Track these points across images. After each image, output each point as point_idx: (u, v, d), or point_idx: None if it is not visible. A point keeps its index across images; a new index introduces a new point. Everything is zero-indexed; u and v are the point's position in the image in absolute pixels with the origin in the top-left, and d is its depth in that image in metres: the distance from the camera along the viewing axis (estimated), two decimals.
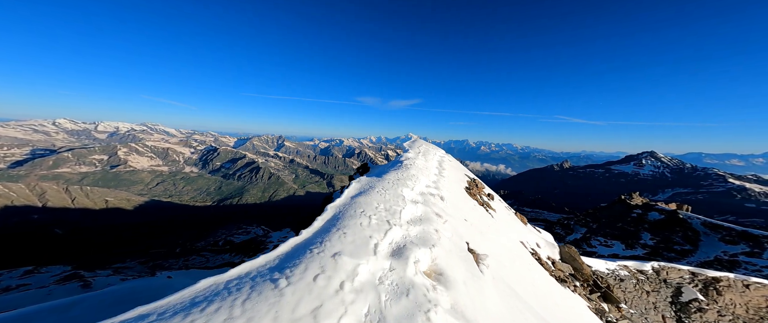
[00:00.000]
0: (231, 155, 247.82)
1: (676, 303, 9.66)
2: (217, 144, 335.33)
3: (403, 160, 10.93)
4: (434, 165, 11.77)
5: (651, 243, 28.02)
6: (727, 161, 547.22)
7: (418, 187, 7.45)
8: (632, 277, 11.42)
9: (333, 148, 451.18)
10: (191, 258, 30.02)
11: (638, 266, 12.76)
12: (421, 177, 8.46)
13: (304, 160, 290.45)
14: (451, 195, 8.16)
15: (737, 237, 25.84)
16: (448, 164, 13.73)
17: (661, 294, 10.11)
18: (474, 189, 11.82)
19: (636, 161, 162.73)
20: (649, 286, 10.57)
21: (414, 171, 8.90)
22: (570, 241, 29.67)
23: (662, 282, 11.25)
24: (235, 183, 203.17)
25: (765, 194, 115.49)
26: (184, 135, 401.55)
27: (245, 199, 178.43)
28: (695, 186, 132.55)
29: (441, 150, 18.08)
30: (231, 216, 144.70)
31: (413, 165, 9.89)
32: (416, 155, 12.75)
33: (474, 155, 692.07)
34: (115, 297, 6.81)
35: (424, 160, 11.90)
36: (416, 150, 14.39)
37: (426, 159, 12.49)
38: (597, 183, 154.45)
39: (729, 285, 10.66)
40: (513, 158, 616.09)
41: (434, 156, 14.38)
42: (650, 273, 11.99)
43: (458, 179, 12.06)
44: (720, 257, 23.29)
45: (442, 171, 11.01)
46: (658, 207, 34.09)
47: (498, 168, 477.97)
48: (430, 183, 8.30)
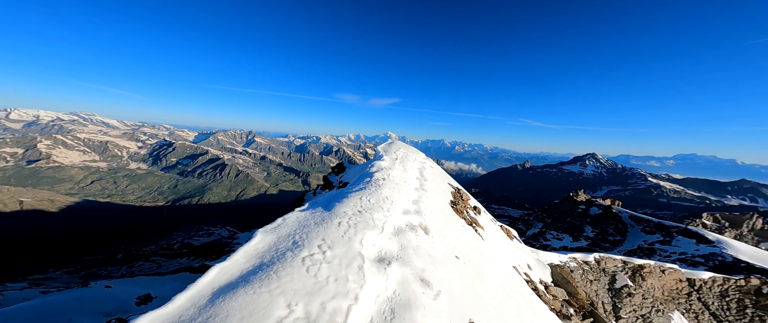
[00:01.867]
0: (190, 150, 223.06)
1: (612, 289, 11.37)
2: (173, 138, 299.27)
3: (375, 172, 8.61)
4: (414, 176, 9.70)
5: (591, 235, 32.49)
6: (647, 162, 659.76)
7: (393, 217, 5.33)
8: (579, 268, 13.11)
9: (309, 145, 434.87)
10: (137, 264, 26.35)
11: (584, 257, 14.68)
12: (398, 199, 6.45)
13: (277, 157, 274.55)
14: (437, 222, 6.45)
15: (654, 227, 31.31)
16: (429, 172, 11.38)
17: (601, 282, 11.79)
18: (459, 203, 10.17)
19: (581, 162, 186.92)
20: (592, 276, 12.26)
21: (387, 192, 6.67)
22: (529, 235, 32.94)
23: (602, 271, 13.14)
24: (195, 181, 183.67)
25: (674, 190, 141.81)
26: (129, 127, 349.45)
27: (207, 199, 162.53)
28: (624, 184, 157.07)
29: (421, 153, 15.83)
30: (190, 217, 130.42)
31: (387, 180, 7.87)
32: (392, 163, 10.29)
33: (449, 154, 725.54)
34: (29, 315, 5.55)
35: (401, 170, 9.74)
36: (392, 155, 11.82)
37: (404, 168, 10.23)
38: (552, 181, 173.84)
39: (650, 271, 12.88)
40: (483, 158, 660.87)
41: (414, 163, 11.95)
42: (593, 264, 13.90)
43: (442, 191, 10.11)
44: (642, 245, 27.99)
45: (424, 184, 9.03)
46: (597, 203, 39.61)
47: (470, 168, 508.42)
48: (409, 207, 6.33)
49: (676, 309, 11.17)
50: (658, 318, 10.13)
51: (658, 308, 10.63)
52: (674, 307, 11.26)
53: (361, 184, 7.47)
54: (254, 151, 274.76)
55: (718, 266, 21.80)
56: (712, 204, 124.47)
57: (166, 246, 39.14)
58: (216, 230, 49.55)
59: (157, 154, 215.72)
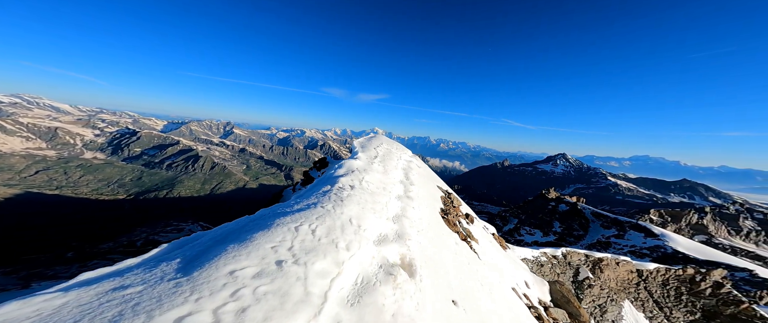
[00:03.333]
0: (158, 140, 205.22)
1: (576, 281, 12.51)
2: (138, 126, 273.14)
3: (342, 176, 6.54)
4: (398, 179, 7.96)
5: (559, 230, 35.33)
6: (608, 162, 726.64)
7: (356, 260, 3.24)
8: (549, 262, 14.23)
9: (293, 138, 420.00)
10: (91, 263, 24.01)
11: (553, 252, 15.94)
12: (370, 221, 4.33)
13: (258, 150, 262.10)
14: (426, 248, 4.76)
15: (610, 223, 34.76)
16: (416, 174, 9.60)
17: (567, 275, 12.90)
18: (451, 211, 8.72)
19: (553, 161, 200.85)
20: (560, 269, 13.37)
21: (353, 210, 4.47)
22: (506, 231, 35.01)
23: (568, 264, 14.37)
24: (164, 173, 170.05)
25: (628, 189, 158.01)
26: (84, 113, 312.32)
27: (178, 192, 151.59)
28: (588, 183, 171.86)
29: (407, 151, 13.97)
30: (157, 212, 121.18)
31: (358, 188, 5.78)
32: (369, 163, 8.28)
33: (434, 152, 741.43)
34: None
35: (381, 171, 7.88)
36: (371, 153, 9.82)
37: (385, 168, 8.34)
38: (527, 179, 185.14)
39: (607, 263, 14.34)
40: (466, 156, 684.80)
41: (399, 161, 10.15)
42: (560, 258, 15.15)
43: (431, 198, 8.62)
44: (600, 239, 31.01)
45: (410, 190, 7.34)
46: (565, 201, 43.02)
47: (454, 165, 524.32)
48: (387, 231, 4.44)
49: (626, 298, 12.62)
50: (612, 307, 11.38)
51: (612, 297, 11.93)
52: (625, 296, 12.71)
53: (314, 197, 5.01)
54: (232, 143, 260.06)
55: (661, 257, 24.86)
56: (659, 201, 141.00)
57: (126, 243, 36.08)
58: (187, 226, 46.48)
59: (118, 142, 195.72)
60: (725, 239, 50.61)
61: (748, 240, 57.14)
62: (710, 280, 14.42)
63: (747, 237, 58.13)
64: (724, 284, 14.24)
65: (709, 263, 22.21)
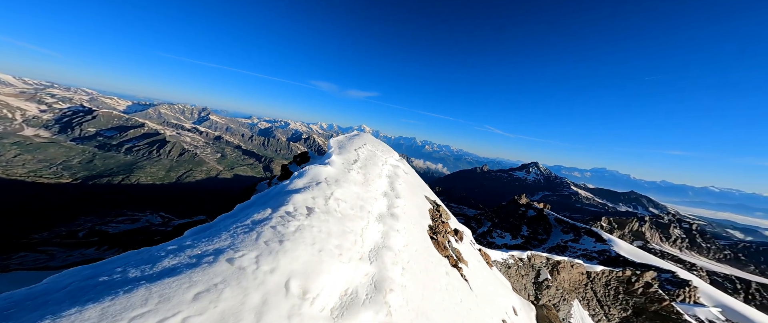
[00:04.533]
0: (118, 121, 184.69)
1: (536, 282, 14.09)
2: (95, 104, 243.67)
3: (299, 191, 4.58)
4: (381, 191, 6.60)
5: (526, 234, 38.59)
6: (573, 173, 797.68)
7: None
8: (516, 264, 15.79)
9: (276, 129, 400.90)
10: (17, 255, 21.09)
11: (520, 254, 17.65)
12: (330, 271, 2.90)
13: (235, 139, 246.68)
14: (412, 293, 3.90)
15: (569, 228, 38.73)
16: (403, 182, 8.42)
17: (529, 277, 14.47)
18: (439, 227, 7.79)
19: (526, 169, 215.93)
20: (524, 271, 14.93)
21: (302, 257, 2.81)
22: (479, 233, 37.36)
23: (531, 266, 16.06)
24: (121, 156, 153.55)
25: (586, 198, 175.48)
26: (31, 86, 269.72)
27: (136, 179, 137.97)
28: (554, 190, 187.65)
29: (394, 153, 12.54)
30: (110, 199, 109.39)
31: (319, 213, 3.99)
32: (346, 169, 6.64)
33: (419, 153, 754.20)
34: None
35: (361, 181, 6.37)
36: (350, 155, 7.86)
37: (366, 177, 6.86)
38: (502, 185, 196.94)
39: (564, 266, 16.27)
40: (449, 159, 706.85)
41: (383, 167, 8.74)
42: (526, 260, 16.85)
43: (419, 212, 7.65)
44: (559, 243, 34.49)
45: (395, 207, 6.13)
46: (534, 207, 46.92)
47: (436, 167, 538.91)
48: (358, 282, 3.22)
49: (576, 298, 14.51)
50: (564, 306, 13.08)
51: (565, 297, 13.69)
52: (575, 296, 14.61)
53: (228, 234, 3.05)
54: (207, 130, 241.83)
55: (606, 260, 28.43)
56: (609, 210, 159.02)
57: (65, 233, 32.39)
58: (144, 216, 42.58)
59: (69, 121, 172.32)
60: (657, 245, 58.75)
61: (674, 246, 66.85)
62: (642, 281, 17.05)
63: (674, 243, 67.94)
64: (653, 284, 16.94)
65: (642, 266, 25.94)
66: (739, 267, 63.84)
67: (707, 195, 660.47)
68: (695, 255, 64.70)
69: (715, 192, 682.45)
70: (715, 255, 68.58)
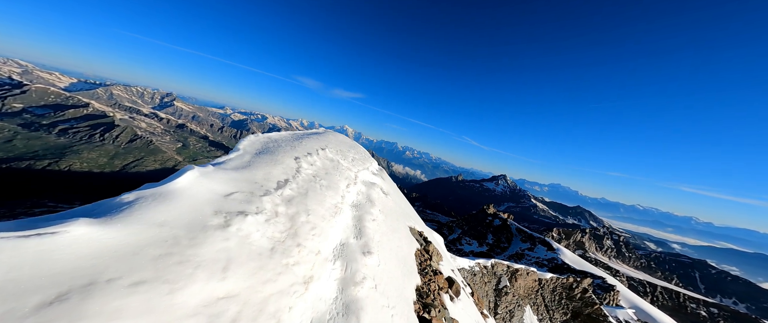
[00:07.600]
0: (55, 99, 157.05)
1: (497, 289, 15.65)
2: (27, 78, 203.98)
3: None
4: (337, 240, 4.26)
5: (491, 242, 41.81)
6: (534, 186, 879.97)
7: None
8: (481, 272, 17.31)
9: (251, 122, 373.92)
10: None
11: (484, 262, 19.33)
12: None
13: (202, 129, 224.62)
14: None
15: (527, 237, 42.94)
16: (378, 213, 6.03)
17: (491, 284, 16.00)
18: (431, 286, 5.51)
19: (495, 181, 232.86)
20: (487, 278, 16.46)
21: None
22: (450, 240, 39.48)
23: (494, 274, 17.74)
24: (51, 138, 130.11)
25: (542, 210, 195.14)
26: None
27: (68, 164, 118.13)
28: (518, 202, 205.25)
29: (372, 161, 10.49)
30: (30, 186, 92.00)
31: None
32: (228, 215, 3.05)
33: (400, 158, 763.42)
34: None
35: (276, 238, 3.27)
36: (274, 172, 4.98)
37: (294, 223, 3.80)
38: (474, 194, 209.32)
39: (521, 273, 18.26)
40: (428, 166, 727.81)
41: (349, 188, 6.34)
42: (489, 268, 18.54)
43: (401, 268, 5.02)
44: (518, 251, 38.09)
45: (358, 271, 3.77)
46: (499, 216, 51.06)
47: (415, 173, 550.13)
48: None
49: (528, 304, 16.41)
50: (518, 312, 14.75)
51: (519, 303, 15.44)
52: (528, 302, 16.52)
53: None
54: (169, 116, 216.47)
55: (554, 267, 32.19)
56: (560, 222, 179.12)
57: None
58: (70, 208, 36.58)
59: None
60: (593, 254, 67.76)
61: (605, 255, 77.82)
62: (581, 287, 19.87)
63: (606, 252, 78.99)
64: (588, 289, 19.84)
65: (582, 272, 29.98)
66: (650, 274, 76.95)
67: (634, 212, 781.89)
68: (620, 263, 76.33)
69: (640, 210, 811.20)
70: (634, 263, 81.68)
